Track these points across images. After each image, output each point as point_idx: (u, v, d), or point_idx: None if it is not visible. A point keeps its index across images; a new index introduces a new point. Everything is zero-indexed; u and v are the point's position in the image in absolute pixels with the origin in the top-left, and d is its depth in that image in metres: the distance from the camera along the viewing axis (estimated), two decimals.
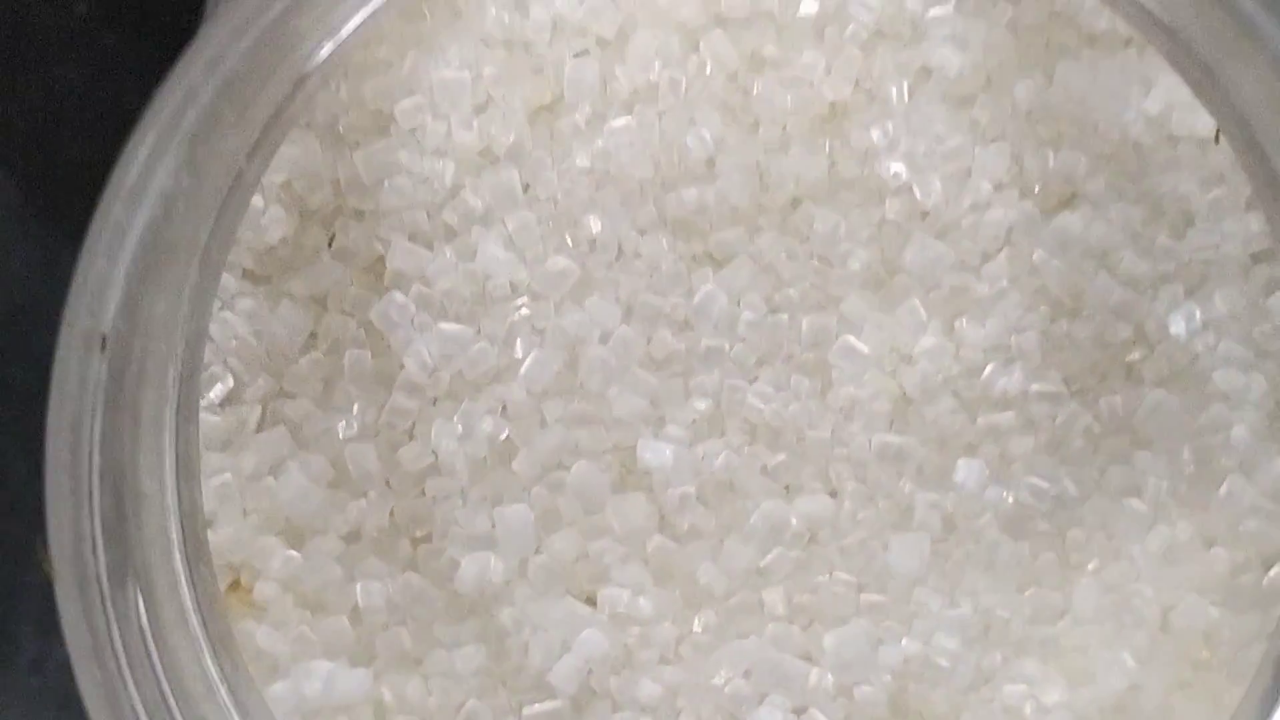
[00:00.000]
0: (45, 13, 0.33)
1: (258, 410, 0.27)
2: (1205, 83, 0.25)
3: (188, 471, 0.25)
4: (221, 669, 0.24)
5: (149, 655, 0.22)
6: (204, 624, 0.24)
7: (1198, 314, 0.27)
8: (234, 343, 0.27)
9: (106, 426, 0.21)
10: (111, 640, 0.21)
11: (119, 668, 0.21)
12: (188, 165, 0.22)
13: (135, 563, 0.22)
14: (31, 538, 0.33)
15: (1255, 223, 0.27)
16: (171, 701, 0.22)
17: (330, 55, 0.25)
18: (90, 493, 0.21)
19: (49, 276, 0.33)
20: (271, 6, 0.23)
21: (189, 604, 0.24)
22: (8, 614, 0.33)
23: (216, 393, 0.27)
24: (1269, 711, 0.25)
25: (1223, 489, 0.27)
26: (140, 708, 0.21)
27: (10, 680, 0.33)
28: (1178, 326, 0.27)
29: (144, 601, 0.22)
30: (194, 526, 0.25)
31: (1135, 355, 0.27)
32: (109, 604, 0.21)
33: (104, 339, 0.21)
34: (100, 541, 0.21)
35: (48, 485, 0.20)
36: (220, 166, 0.23)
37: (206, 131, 0.22)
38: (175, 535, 0.24)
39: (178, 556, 0.24)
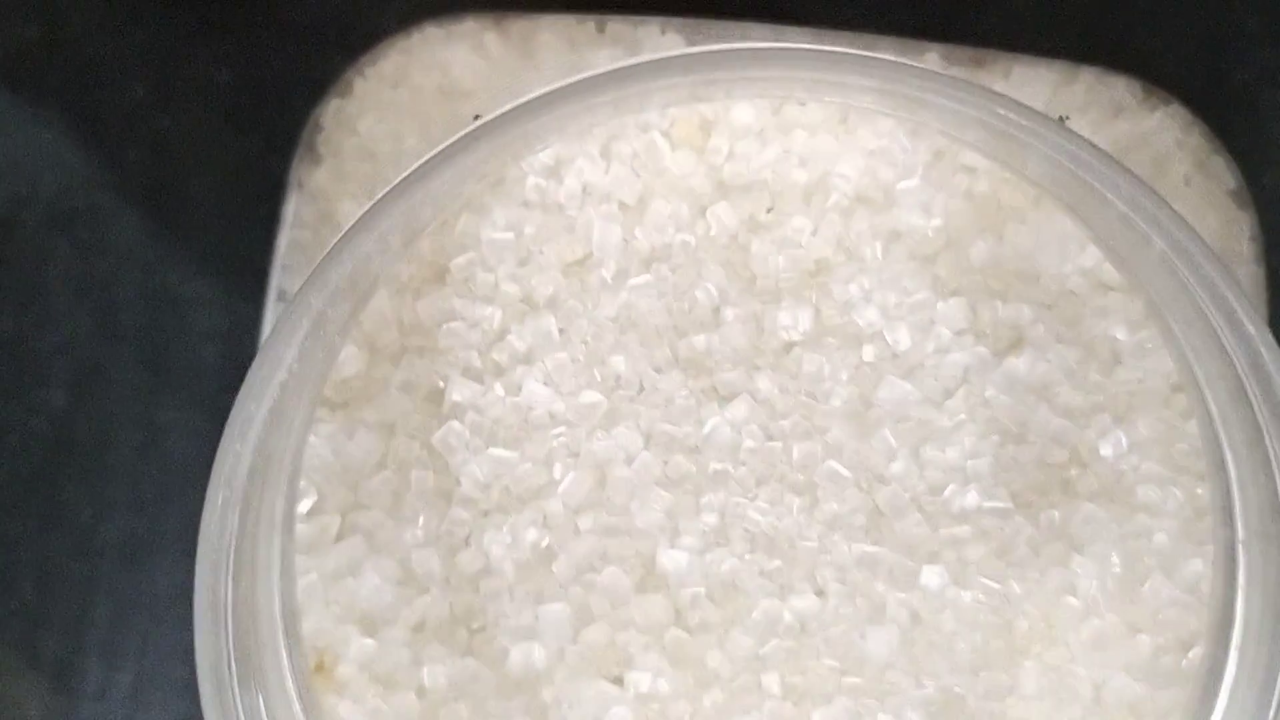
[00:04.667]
0: None
1: (338, 520, 0.29)
2: (1112, 254, 0.27)
3: (286, 574, 0.27)
4: None
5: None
6: (303, 703, 0.27)
7: (1124, 439, 0.29)
8: (317, 462, 0.29)
9: (238, 562, 0.24)
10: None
11: None
12: (314, 331, 0.25)
13: (255, 668, 0.25)
14: (94, 572, 0.33)
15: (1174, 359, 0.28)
16: None
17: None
18: (226, 620, 0.24)
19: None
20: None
21: (291, 690, 0.26)
22: (73, 646, 0.33)
23: (304, 505, 0.29)
24: None
25: (1146, 586, 0.28)
26: None
27: (75, 708, 0.33)
28: (1107, 449, 0.29)
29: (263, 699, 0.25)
30: (292, 622, 0.27)
31: (1071, 474, 0.29)
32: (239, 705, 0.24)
33: None
34: (234, 658, 0.24)
35: (196, 619, 0.24)
36: (332, 326, 0.26)
37: (331, 307, 0.25)
38: (280, 631, 0.26)
39: (283, 650, 0.26)
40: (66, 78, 0.35)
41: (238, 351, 0.32)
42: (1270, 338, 0.24)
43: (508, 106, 0.25)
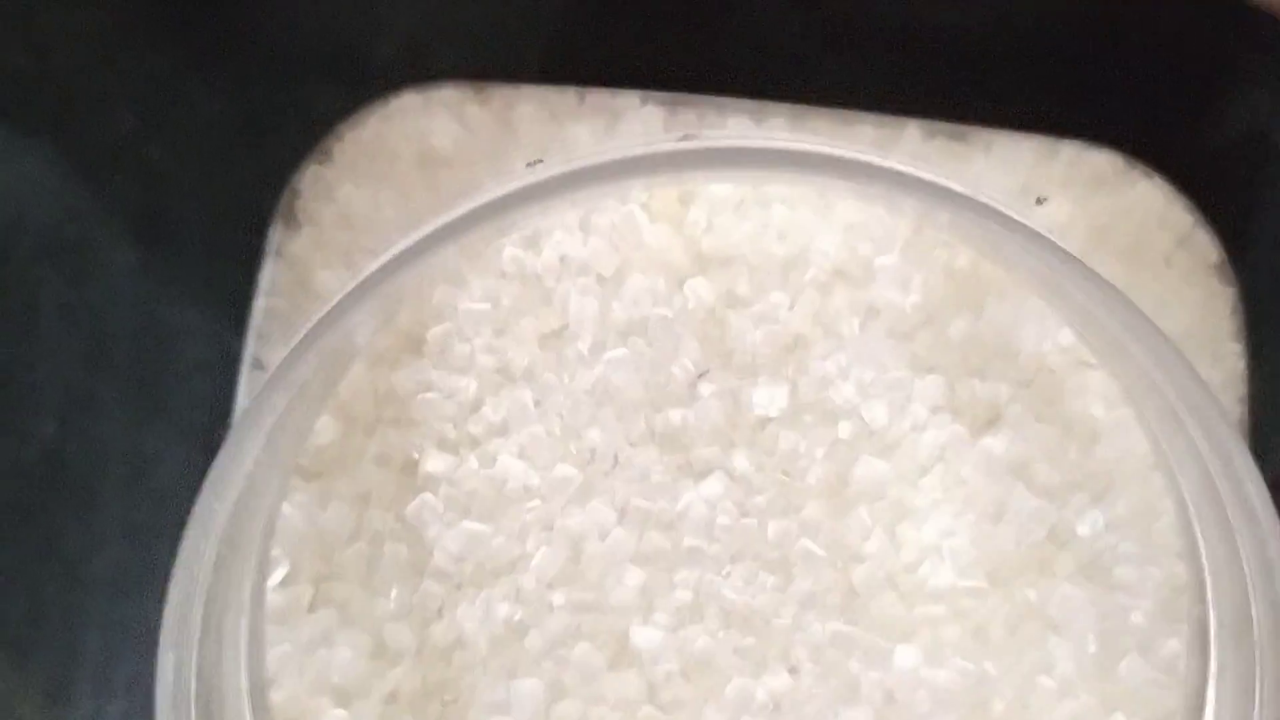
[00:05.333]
0: None
1: (310, 591, 0.29)
2: (1085, 339, 0.28)
3: (256, 645, 0.27)
4: None
5: None
6: None
7: (1101, 518, 0.29)
8: (291, 532, 0.29)
9: (204, 636, 0.24)
10: None
11: None
12: (288, 410, 0.25)
13: None
14: (85, 603, 0.33)
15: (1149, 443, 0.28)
16: None
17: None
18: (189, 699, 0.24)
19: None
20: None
21: None
22: (65, 676, 0.33)
23: (276, 575, 0.29)
24: None
25: (1122, 666, 0.28)
26: None
27: None
28: (1085, 529, 0.29)
29: None
30: (260, 695, 0.27)
31: (1048, 553, 0.29)
32: None
33: None
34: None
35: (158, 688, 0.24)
36: (308, 399, 0.26)
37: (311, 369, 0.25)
38: (248, 708, 0.27)
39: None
40: (55, 108, 0.35)
41: (228, 382, 0.31)
42: (1243, 444, 0.24)
43: (498, 192, 0.25)
